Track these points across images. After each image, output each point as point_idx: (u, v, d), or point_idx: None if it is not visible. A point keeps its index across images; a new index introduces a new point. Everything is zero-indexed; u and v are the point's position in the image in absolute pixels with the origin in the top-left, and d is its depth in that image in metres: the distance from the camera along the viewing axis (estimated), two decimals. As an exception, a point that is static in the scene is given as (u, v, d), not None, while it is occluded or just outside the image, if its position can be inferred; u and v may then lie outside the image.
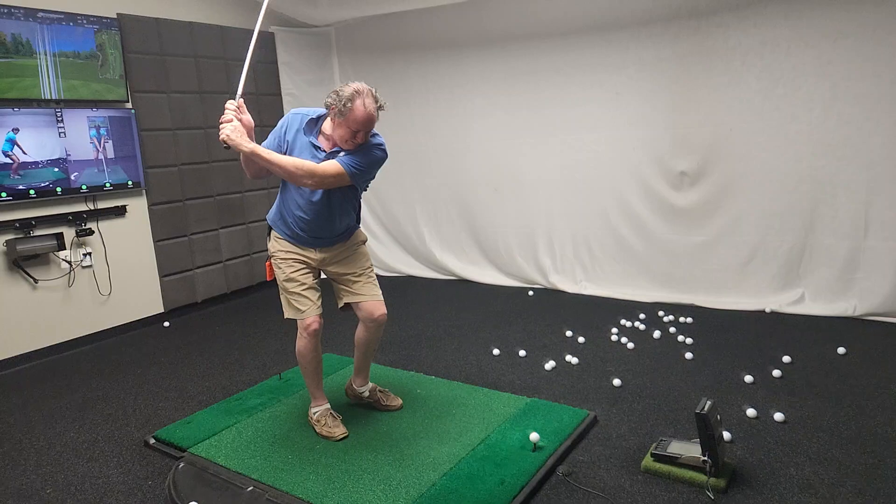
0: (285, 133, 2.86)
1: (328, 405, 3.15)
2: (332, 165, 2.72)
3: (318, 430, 3.07)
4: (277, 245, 2.98)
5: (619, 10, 4.83)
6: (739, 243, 4.75)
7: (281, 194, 2.97)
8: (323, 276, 3.10)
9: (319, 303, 2.99)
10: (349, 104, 2.64)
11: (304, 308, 2.94)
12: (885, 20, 3.96)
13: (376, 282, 3.11)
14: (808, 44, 4.22)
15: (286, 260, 2.96)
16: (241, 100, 2.77)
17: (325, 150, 2.81)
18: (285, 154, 2.81)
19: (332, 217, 2.91)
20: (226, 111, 2.70)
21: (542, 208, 5.57)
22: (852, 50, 4.09)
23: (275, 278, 3.02)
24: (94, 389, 3.88)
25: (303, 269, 2.96)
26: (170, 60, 5.15)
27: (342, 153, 2.77)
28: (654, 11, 4.71)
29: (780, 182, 4.49)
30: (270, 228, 3.03)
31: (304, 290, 2.94)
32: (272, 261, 3.00)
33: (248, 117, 2.77)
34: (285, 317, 3.00)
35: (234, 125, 2.67)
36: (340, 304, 3.12)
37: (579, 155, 5.28)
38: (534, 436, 2.81)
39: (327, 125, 2.82)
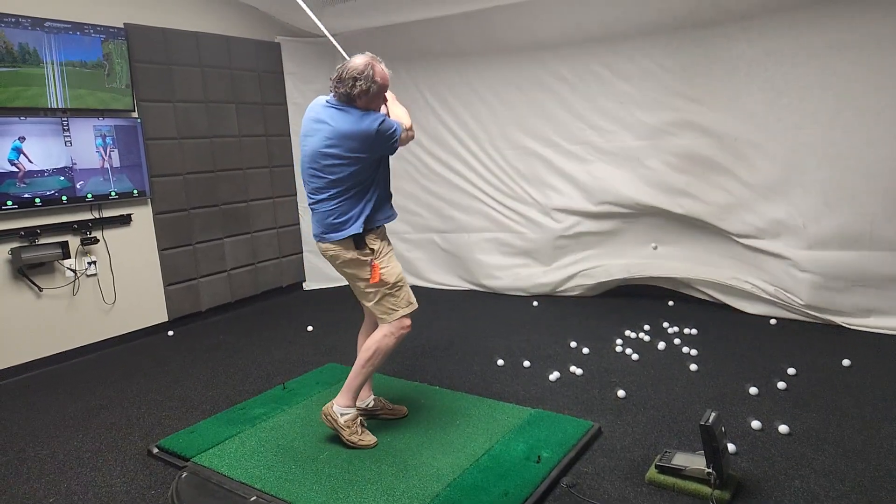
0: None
1: (357, 411, 3.06)
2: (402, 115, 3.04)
3: (346, 436, 2.96)
4: (377, 244, 2.93)
5: (624, 20, 4.84)
6: (742, 254, 4.74)
7: (365, 196, 2.87)
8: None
9: None
10: (376, 79, 2.73)
11: (412, 300, 3.01)
12: (890, 32, 3.96)
13: None
14: (813, 55, 4.22)
15: (390, 255, 2.99)
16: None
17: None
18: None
19: None
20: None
21: (546, 217, 5.57)
22: (856, 61, 4.09)
23: (379, 281, 2.92)
24: (98, 398, 3.89)
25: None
26: (176, 70, 5.18)
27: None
28: (658, 22, 4.72)
29: (784, 192, 4.48)
30: (357, 238, 2.88)
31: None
32: (380, 260, 2.91)
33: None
34: (397, 317, 2.95)
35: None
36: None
37: (582, 164, 5.28)
38: None
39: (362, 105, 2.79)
